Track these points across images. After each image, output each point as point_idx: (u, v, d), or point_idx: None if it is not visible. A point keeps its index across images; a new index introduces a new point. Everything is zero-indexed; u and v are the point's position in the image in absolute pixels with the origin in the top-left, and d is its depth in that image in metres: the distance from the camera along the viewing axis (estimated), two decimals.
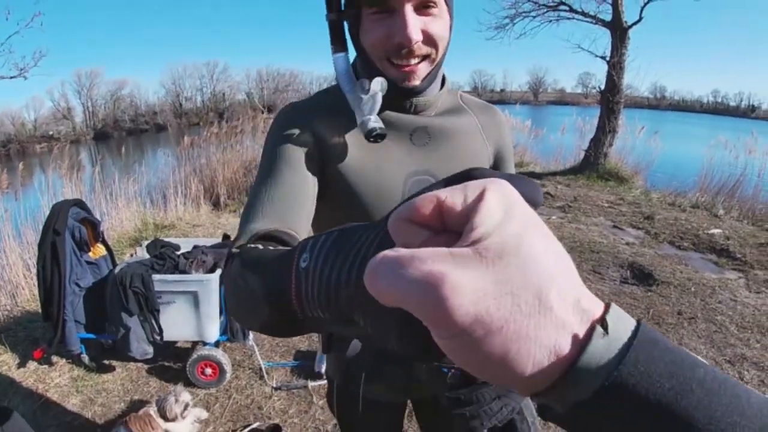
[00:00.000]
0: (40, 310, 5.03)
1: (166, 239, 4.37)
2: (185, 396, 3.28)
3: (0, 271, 5.57)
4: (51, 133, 46.35)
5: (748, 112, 76.09)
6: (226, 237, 4.48)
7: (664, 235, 7.40)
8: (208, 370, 3.78)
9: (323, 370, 3.88)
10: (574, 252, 6.28)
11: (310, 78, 74.37)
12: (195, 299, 3.65)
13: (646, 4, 10.92)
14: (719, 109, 79.44)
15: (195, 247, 4.17)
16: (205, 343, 3.86)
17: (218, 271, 3.72)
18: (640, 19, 11.06)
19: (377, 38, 1.13)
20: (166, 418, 3.16)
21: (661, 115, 54.24)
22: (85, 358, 4.09)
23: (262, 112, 14.72)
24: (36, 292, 5.01)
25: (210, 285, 3.63)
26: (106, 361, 4.26)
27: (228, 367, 3.80)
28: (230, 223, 7.70)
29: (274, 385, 3.85)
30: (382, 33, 1.11)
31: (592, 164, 11.63)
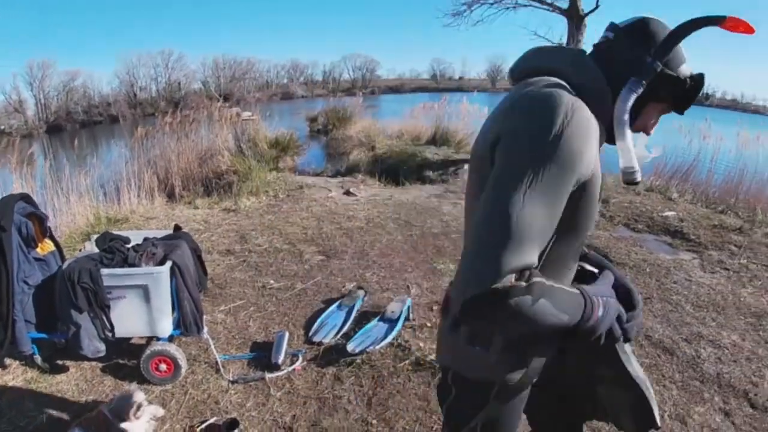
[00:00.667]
0: None
1: (117, 232, 4.24)
2: (138, 396, 3.20)
3: None
4: (2, 127, 45.01)
5: (702, 100, 77.50)
6: (177, 228, 4.37)
7: (619, 217, 7.52)
8: (163, 366, 3.69)
9: (279, 360, 3.84)
10: None
11: (268, 66, 73.76)
12: (146, 293, 3.55)
13: None
14: None
15: (145, 239, 4.05)
16: (158, 339, 3.77)
17: (168, 264, 3.61)
18: (597, 6, 11.13)
19: (648, 123, 1.51)
20: (120, 419, 3.09)
21: None
22: (38, 359, 3.94)
23: (219, 101, 14.55)
24: None
25: (160, 278, 3.53)
26: (59, 362, 4.13)
27: (183, 362, 3.72)
28: (184, 214, 7.55)
29: (231, 379, 3.78)
30: (652, 122, 1.52)
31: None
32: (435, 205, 8.02)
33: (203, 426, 3.22)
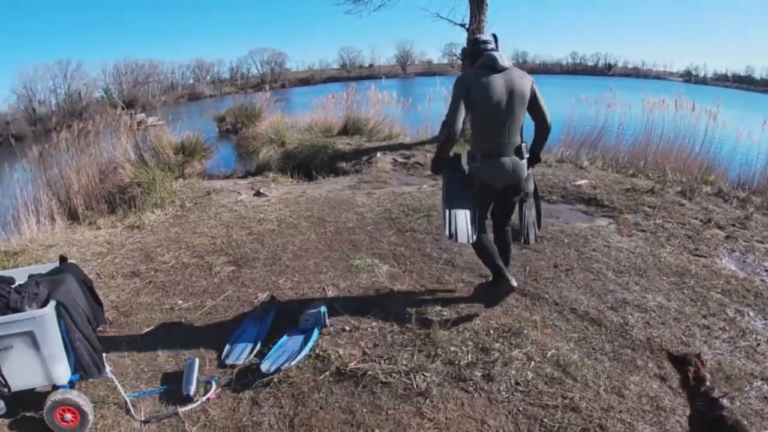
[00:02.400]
0: None
1: (0, 272, 3.89)
2: None
3: None
4: None
5: (605, 71, 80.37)
6: (63, 259, 4.04)
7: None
8: (68, 416, 3.40)
9: (191, 392, 3.63)
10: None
11: (172, 67, 71.51)
12: (33, 340, 3.25)
13: None
14: (578, 70, 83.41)
15: (30, 276, 3.71)
16: (59, 386, 3.48)
17: (52, 303, 3.31)
18: None
19: None
20: None
21: None
22: None
23: (123, 108, 13.96)
24: None
25: (45, 321, 3.23)
26: None
27: (88, 408, 3.43)
28: (85, 237, 7.11)
29: (143, 419, 3.54)
30: None
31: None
32: (349, 197, 7.86)
33: None
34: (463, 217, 4.07)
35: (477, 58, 4.06)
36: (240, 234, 6.45)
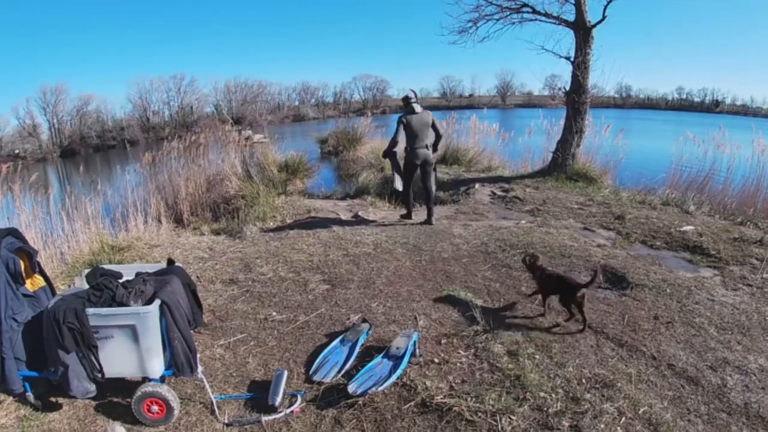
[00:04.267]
0: None
1: (108, 266, 4.04)
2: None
3: None
4: (17, 151, 45.43)
5: (712, 107, 77.10)
6: (170, 261, 4.18)
7: (636, 234, 7.24)
8: (155, 408, 3.49)
9: (277, 403, 3.63)
10: (544, 257, 6.06)
11: (279, 88, 74.10)
12: (134, 333, 3.36)
13: (609, 3, 10.77)
14: (684, 106, 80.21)
15: (137, 274, 3.86)
16: (150, 379, 3.57)
17: (156, 302, 3.41)
18: (604, 18, 10.94)
19: None
20: None
21: (627, 113, 54.43)
22: (30, 396, 3.77)
23: (232, 125, 14.47)
24: None
25: (148, 318, 3.34)
26: (53, 399, 3.96)
27: (175, 404, 3.51)
28: (189, 242, 7.37)
29: (226, 422, 3.57)
30: None
31: (560, 166, 11.50)
32: (445, 227, 7.79)
33: None
34: (399, 179, 8.42)
35: (408, 106, 8.19)
36: (337, 254, 6.49)
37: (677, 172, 11.04)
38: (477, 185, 10.87)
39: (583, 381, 3.80)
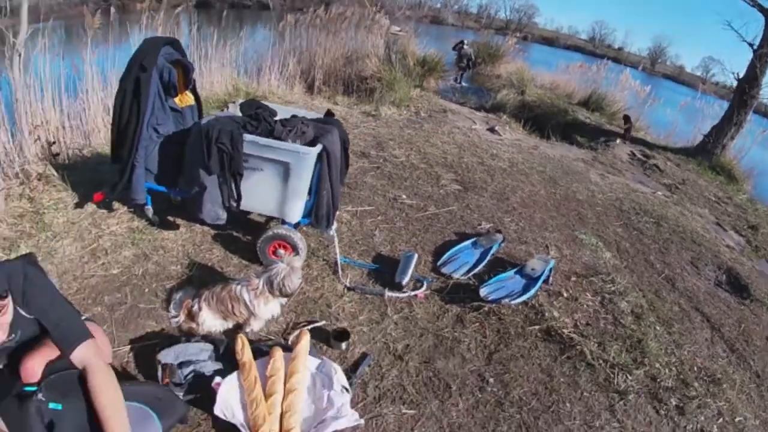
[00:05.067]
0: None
1: (265, 103, 3.90)
2: (297, 263, 2.93)
3: (79, 113, 5.29)
4: None
5: None
6: (329, 113, 4.01)
7: (765, 250, 6.64)
8: (281, 252, 3.40)
9: (404, 282, 3.51)
10: (675, 235, 5.70)
11: None
12: (285, 171, 3.23)
13: None
14: None
15: (294, 116, 3.68)
16: (283, 222, 3.47)
17: (318, 147, 3.25)
18: None
19: None
20: (278, 292, 2.83)
21: None
22: (149, 210, 3.77)
23: (373, 8, 14.18)
24: (109, 137, 4.80)
25: (306, 159, 3.19)
26: (171, 218, 3.97)
27: (303, 253, 3.41)
28: (324, 106, 7.28)
29: (348, 285, 3.48)
30: None
31: (708, 152, 10.64)
32: (582, 170, 7.37)
33: (310, 327, 2.92)
34: None
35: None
36: (471, 160, 6.24)
37: None
38: (618, 140, 10.24)
39: (695, 369, 3.52)
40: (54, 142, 4.71)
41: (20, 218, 3.65)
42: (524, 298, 3.56)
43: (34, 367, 1.94)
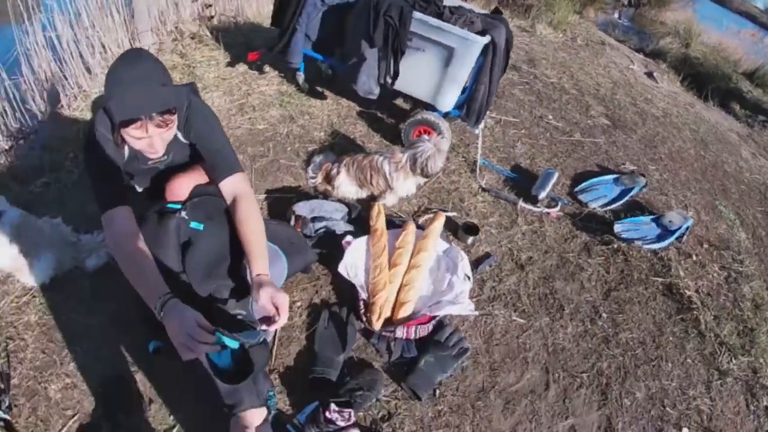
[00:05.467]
0: (263, 24, 4.81)
1: None
2: (444, 146, 2.95)
3: None
4: None
5: None
6: (497, 11, 3.86)
7: None
8: (425, 137, 3.37)
9: (541, 196, 3.44)
10: None
11: None
12: (448, 57, 3.15)
13: None
14: None
15: (460, 6, 3.57)
16: (432, 109, 3.43)
17: (487, 38, 3.14)
18: None
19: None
20: (419, 170, 2.89)
21: None
22: (300, 76, 3.84)
23: None
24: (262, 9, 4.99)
25: (472, 47, 3.09)
26: (319, 88, 4.01)
27: (446, 145, 3.36)
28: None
29: (483, 185, 3.45)
30: None
31: None
32: (734, 142, 6.84)
33: (441, 215, 2.91)
34: None
35: None
36: (624, 98, 5.91)
37: None
38: None
39: None
40: (210, 5, 4.80)
41: (171, 70, 3.78)
42: (657, 246, 3.41)
43: (182, 186, 2.02)
